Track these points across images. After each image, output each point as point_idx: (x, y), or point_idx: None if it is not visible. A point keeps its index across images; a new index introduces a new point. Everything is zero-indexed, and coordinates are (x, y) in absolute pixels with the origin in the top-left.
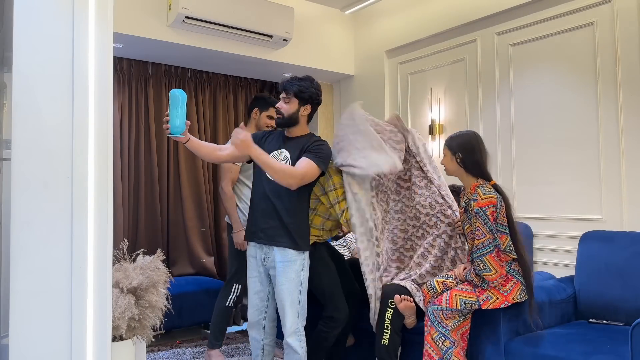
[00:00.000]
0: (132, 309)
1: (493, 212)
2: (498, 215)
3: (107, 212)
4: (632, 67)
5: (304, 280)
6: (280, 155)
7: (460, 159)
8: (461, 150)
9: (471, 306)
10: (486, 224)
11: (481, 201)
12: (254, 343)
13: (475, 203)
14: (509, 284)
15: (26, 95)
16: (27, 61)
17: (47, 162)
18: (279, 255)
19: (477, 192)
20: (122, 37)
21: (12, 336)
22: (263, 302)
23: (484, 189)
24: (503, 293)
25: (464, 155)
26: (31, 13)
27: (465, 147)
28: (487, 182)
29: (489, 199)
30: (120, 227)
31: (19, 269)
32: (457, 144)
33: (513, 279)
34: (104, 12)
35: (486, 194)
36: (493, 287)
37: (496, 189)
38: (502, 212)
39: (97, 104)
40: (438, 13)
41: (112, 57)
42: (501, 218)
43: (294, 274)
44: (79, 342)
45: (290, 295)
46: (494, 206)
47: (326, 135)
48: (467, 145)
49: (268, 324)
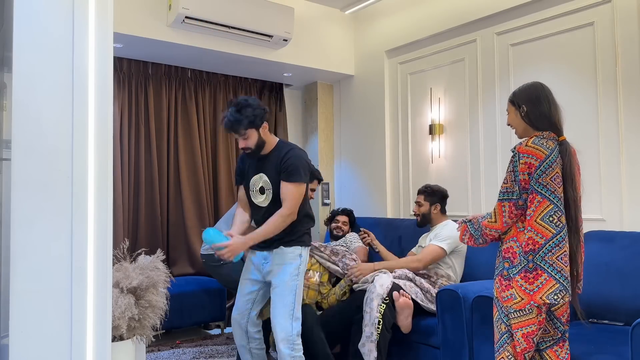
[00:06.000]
0: (132, 309)
1: (532, 165)
2: (540, 174)
3: (107, 212)
4: (632, 67)
5: (298, 286)
6: (261, 181)
7: (525, 112)
8: (525, 103)
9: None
10: (513, 170)
11: (525, 147)
12: (240, 349)
13: (518, 147)
14: (539, 280)
15: (26, 95)
16: (27, 61)
17: (47, 162)
18: (277, 257)
19: (530, 139)
20: (122, 37)
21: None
22: (247, 305)
23: (539, 139)
24: (529, 292)
25: (529, 107)
26: (31, 13)
27: (529, 99)
28: (555, 137)
29: (536, 150)
30: (120, 227)
31: (19, 269)
32: (520, 97)
33: (544, 274)
34: (104, 12)
35: (536, 144)
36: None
37: (563, 149)
38: (550, 175)
39: (97, 104)
40: (438, 13)
41: (112, 57)
42: (546, 180)
43: (288, 276)
44: (79, 342)
45: (282, 299)
46: (538, 160)
47: (326, 135)
48: (531, 96)
49: (251, 329)
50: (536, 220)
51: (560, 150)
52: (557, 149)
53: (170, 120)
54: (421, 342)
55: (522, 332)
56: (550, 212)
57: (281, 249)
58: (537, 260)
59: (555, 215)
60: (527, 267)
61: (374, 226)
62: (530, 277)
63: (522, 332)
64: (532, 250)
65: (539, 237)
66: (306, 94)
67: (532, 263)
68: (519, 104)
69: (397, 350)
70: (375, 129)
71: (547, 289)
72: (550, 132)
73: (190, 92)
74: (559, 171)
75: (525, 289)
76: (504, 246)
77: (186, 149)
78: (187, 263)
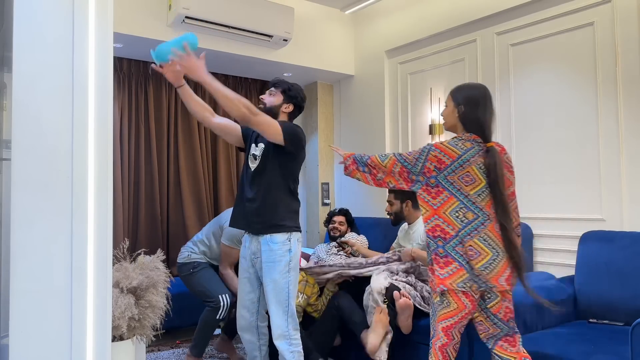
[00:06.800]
0: (132, 309)
1: (442, 161)
2: (450, 172)
3: (107, 212)
4: (632, 67)
5: (291, 282)
6: (257, 149)
7: (461, 112)
8: (465, 103)
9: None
10: (422, 152)
11: (441, 145)
12: (249, 345)
13: (435, 143)
14: (450, 266)
15: (26, 95)
16: (27, 61)
17: (47, 162)
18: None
19: (449, 140)
20: (122, 37)
21: (12, 336)
22: (254, 304)
23: (456, 141)
24: (439, 276)
25: (466, 109)
26: (31, 13)
27: (469, 101)
28: (477, 140)
29: (451, 150)
30: (120, 227)
31: (19, 269)
32: (462, 95)
33: (454, 262)
34: (104, 12)
35: (451, 145)
36: (431, 268)
37: (491, 154)
38: (459, 174)
39: (97, 104)
40: (438, 13)
41: (112, 57)
42: (454, 178)
43: (278, 274)
44: (79, 342)
45: (275, 297)
46: (450, 159)
47: (326, 135)
48: (471, 99)
49: (261, 325)
50: (445, 212)
51: (487, 155)
52: (473, 151)
53: (170, 120)
54: (421, 342)
55: (442, 325)
56: (457, 208)
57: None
58: (449, 249)
59: (460, 211)
60: (437, 251)
61: (374, 226)
62: (441, 262)
63: (442, 325)
64: (442, 238)
65: (450, 228)
66: (306, 94)
67: (442, 249)
68: (458, 102)
69: (397, 351)
70: (375, 129)
71: (457, 277)
72: (472, 135)
73: None
74: (470, 171)
75: (436, 271)
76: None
77: (186, 149)
78: None
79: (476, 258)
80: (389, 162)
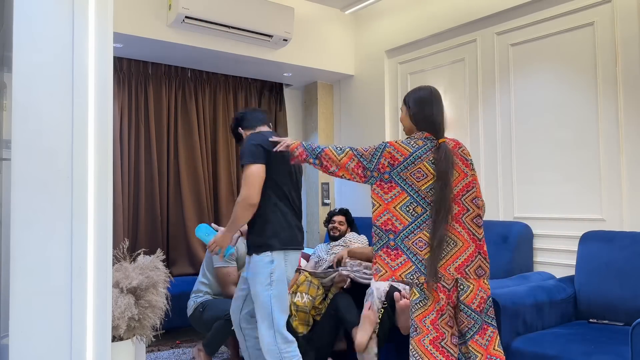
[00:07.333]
0: (132, 309)
1: (395, 158)
2: (402, 169)
3: (107, 212)
4: (632, 67)
5: (275, 295)
6: None
7: (412, 113)
8: (413, 105)
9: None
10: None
11: (395, 143)
12: (240, 344)
13: (390, 141)
14: (399, 259)
15: (26, 95)
16: (27, 61)
17: (47, 162)
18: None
19: (402, 140)
20: (122, 37)
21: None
22: (238, 302)
23: (408, 139)
24: (391, 267)
25: (415, 109)
26: (31, 13)
27: (416, 101)
28: (430, 137)
29: (403, 148)
30: (120, 227)
31: (19, 269)
32: (410, 98)
33: (403, 255)
34: (104, 12)
35: (404, 144)
36: (380, 258)
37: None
38: (411, 170)
39: (97, 104)
40: (438, 13)
41: (112, 57)
42: (406, 174)
43: (259, 287)
44: (79, 342)
45: (259, 311)
46: (403, 156)
47: (326, 134)
48: (418, 100)
49: (244, 327)
50: (395, 207)
51: (438, 151)
52: (425, 148)
53: (170, 120)
54: None
55: (429, 319)
56: (407, 202)
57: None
58: (398, 242)
59: (411, 206)
60: (388, 244)
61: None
62: (392, 254)
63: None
64: (392, 231)
65: (398, 222)
66: (306, 94)
67: (393, 242)
68: (409, 105)
69: (397, 351)
70: (375, 128)
71: (406, 269)
72: (424, 133)
73: (190, 92)
74: (421, 167)
75: (388, 262)
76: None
77: (186, 149)
78: (187, 263)
79: (424, 249)
80: (344, 156)
